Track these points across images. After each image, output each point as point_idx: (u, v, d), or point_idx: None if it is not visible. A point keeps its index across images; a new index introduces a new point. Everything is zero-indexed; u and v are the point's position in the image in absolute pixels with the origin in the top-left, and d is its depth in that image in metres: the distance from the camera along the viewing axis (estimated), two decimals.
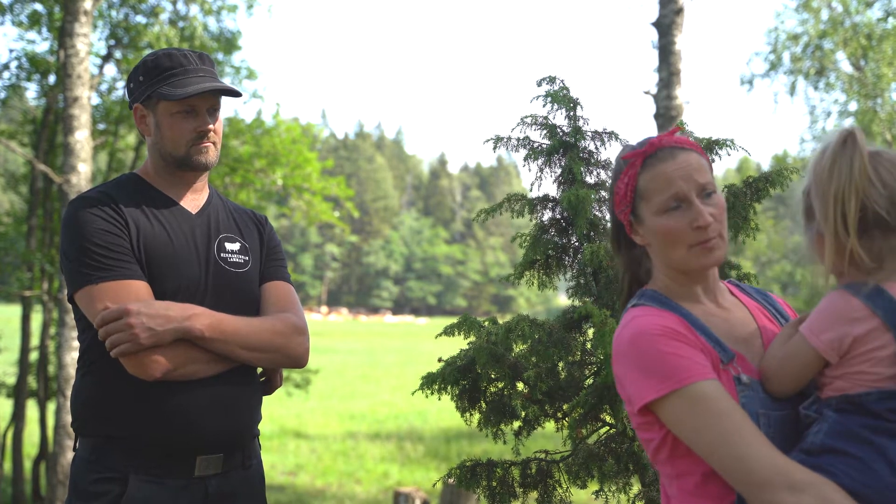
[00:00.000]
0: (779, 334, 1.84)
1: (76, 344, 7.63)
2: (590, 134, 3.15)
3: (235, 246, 2.60)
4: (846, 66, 19.65)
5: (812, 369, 1.73)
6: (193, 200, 2.60)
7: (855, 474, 1.60)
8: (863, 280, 1.71)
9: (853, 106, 19.48)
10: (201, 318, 2.35)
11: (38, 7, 12.35)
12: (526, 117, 3.16)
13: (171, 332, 2.29)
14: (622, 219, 1.91)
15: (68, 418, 7.80)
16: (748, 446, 1.62)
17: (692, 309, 1.86)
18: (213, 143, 2.54)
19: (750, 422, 1.67)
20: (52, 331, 12.16)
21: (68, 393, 7.72)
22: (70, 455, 7.86)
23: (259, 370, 2.61)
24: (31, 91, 13.87)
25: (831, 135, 1.75)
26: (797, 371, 1.74)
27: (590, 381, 3.00)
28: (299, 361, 2.56)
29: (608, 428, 3.01)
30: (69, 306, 2.95)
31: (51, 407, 12.40)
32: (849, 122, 20.23)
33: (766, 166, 75.53)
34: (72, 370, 7.70)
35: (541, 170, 3.16)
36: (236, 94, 2.56)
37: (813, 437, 1.68)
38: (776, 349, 1.80)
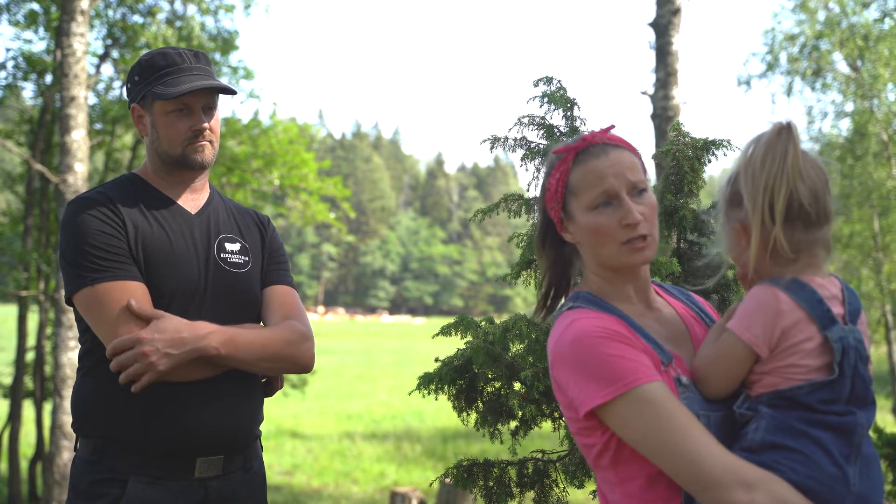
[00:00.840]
0: (707, 335, 1.85)
1: (73, 344, 7.64)
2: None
3: (235, 246, 2.59)
4: (843, 67, 19.68)
5: (744, 366, 1.73)
6: (193, 200, 2.59)
7: (799, 468, 1.62)
8: (779, 273, 1.74)
9: (850, 106, 19.51)
10: (215, 336, 2.33)
11: (35, 6, 12.33)
12: (523, 117, 3.16)
13: (187, 353, 2.28)
14: (553, 216, 1.89)
15: (65, 418, 7.79)
16: (698, 446, 1.62)
17: (626, 310, 1.85)
18: (210, 142, 2.53)
19: (697, 422, 1.66)
20: (49, 331, 12.14)
21: (65, 393, 7.71)
22: (66, 455, 7.84)
23: None
24: (28, 90, 13.86)
25: (767, 127, 1.75)
26: (730, 369, 1.74)
27: None
28: (306, 368, 2.56)
29: None
30: (66, 307, 2.96)
31: (47, 407, 12.39)
32: (845, 123, 20.27)
33: None
34: (68, 370, 7.69)
35: (538, 170, 3.15)
36: (230, 91, 2.56)
37: (752, 435, 1.68)
38: (706, 350, 1.80)
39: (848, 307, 1.74)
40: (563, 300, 1.98)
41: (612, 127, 1.88)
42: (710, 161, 3.05)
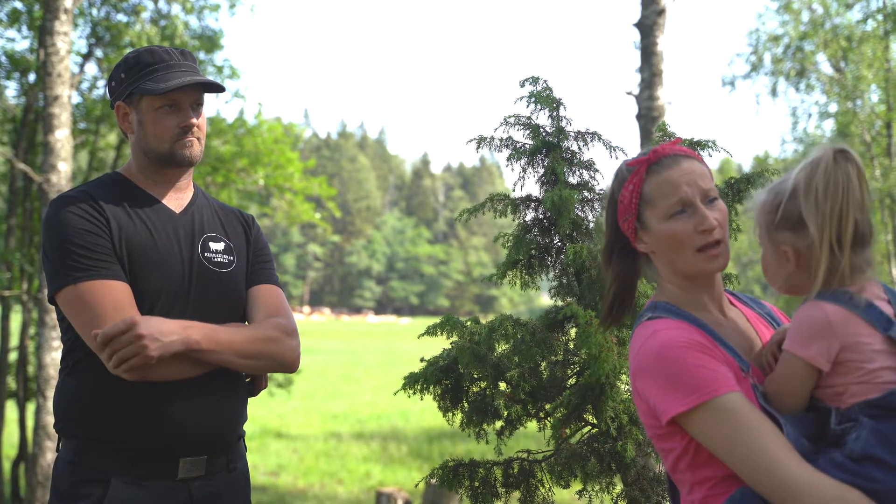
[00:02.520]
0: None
1: (56, 344, 7.59)
2: (573, 134, 3.16)
3: (220, 245, 2.58)
4: (826, 68, 19.79)
5: (808, 383, 1.76)
6: (177, 199, 2.58)
7: (893, 483, 1.61)
8: (826, 289, 1.75)
9: (833, 107, 19.62)
10: (197, 329, 2.33)
11: (18, 5, 12.24)
12: (509, 117, 3.16)
13: (176, 343, 2.27)
14: (625, 228, 1.93)
15: (48, 419, 7.74)
16: (777, 458, 1.65)
17: (704, 319, 1.89)
18: (198, 139, 2.52)
19: (776, 433, 1.69)
20: (32, 331, 12.07)
21: (48, 393, 7.66)
22: (50, 456, 7.80)
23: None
24: (11, 90, 13.75)
25: (821, 149, 1.76)
26: (795, 387, 1.77)
27: (572, 380, 3.01)
28: (291, 367, 2.54)
29: (591, 428, 3.02)
30: (49, 306, 2.94)
31: (30, 408, 12.31)
32: (829, 124, 20.36)
33: (747, 167, 75.84)
34: (51, 370, 7.64)
35: (524, 170, 3.16)
36: (220, 88, 2.55)
37: (853, 445, 1.68)
38: (773, 372, 1.83)
39: (895, 307, 1.76)
40: (625, 311, 2.04)
41: (680, 140, 1.95)
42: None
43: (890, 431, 1.65)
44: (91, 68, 13.64)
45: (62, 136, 7.79)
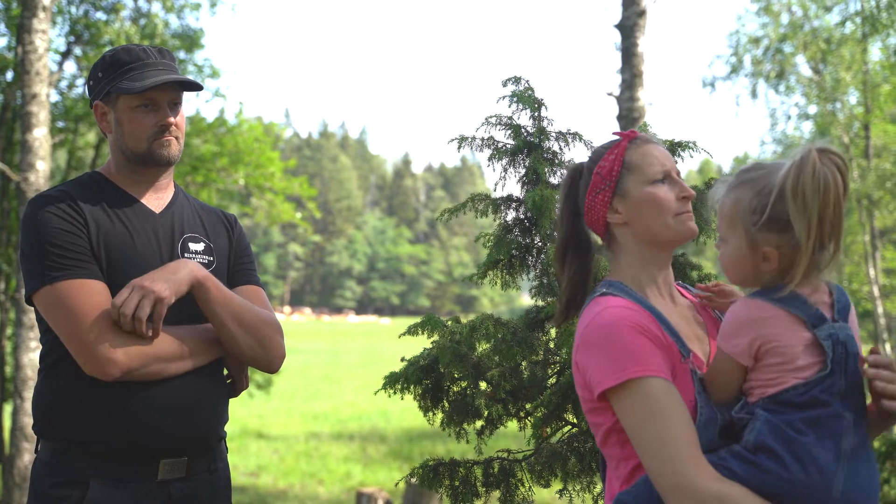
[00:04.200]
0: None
1: (34, 345, 7.54)
2: (554, 134, 3.16)
3: (200, 246, 2.56)
4: (805, 70, 19.92)
5: (735, 376, 1.80)
6: (157, 199, 2.56)
7: (784, 474, 1.67)
8: (769, 286, 1.79)
9: (812, 109, 19.76)
10: (202, 269, 2.37)
11: None
12: (490, 117, 3.16)
13: (185, 282, 2.31)
14: (600, 200, 1.99)
15: (26, 420, 7.69)
16: (674, 452, 1.70)
17: (654, 303, 1.93)
18: (176, 138, 2.50)
19: (690, 426, 1.74)
20: (10, 331, 11.96)
21: (25, 394, 7.61)
22: (28, 457, 7.74)
23: (224, 371, 2.58)
24: None
25: (805, 148, 1.76)
26: (723, 381, 1.81)
27: (553, 380, 3.01)
28: (273, 363, 2.54)
29: (571, 427, 3.03)
30: (27, 307, 2.92)
31: (7, 409, 12.20)
32: (808, 126, 20.51)
33: (727, 168, 76.28)
34: (29, 371, 7.58)
35: (505, 170, 3.16)
36: (197, 86, 2.53)
37: (748, 436, 1.73)
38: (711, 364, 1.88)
39: (837, 304, 1.79)
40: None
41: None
42: (675, 161, 3.07)
43: (783, 423, 1.70)
44: (70, 66, 13.56)
45: (40, 135, 7.73)
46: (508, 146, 3.15)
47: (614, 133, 2.07)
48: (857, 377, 1.74)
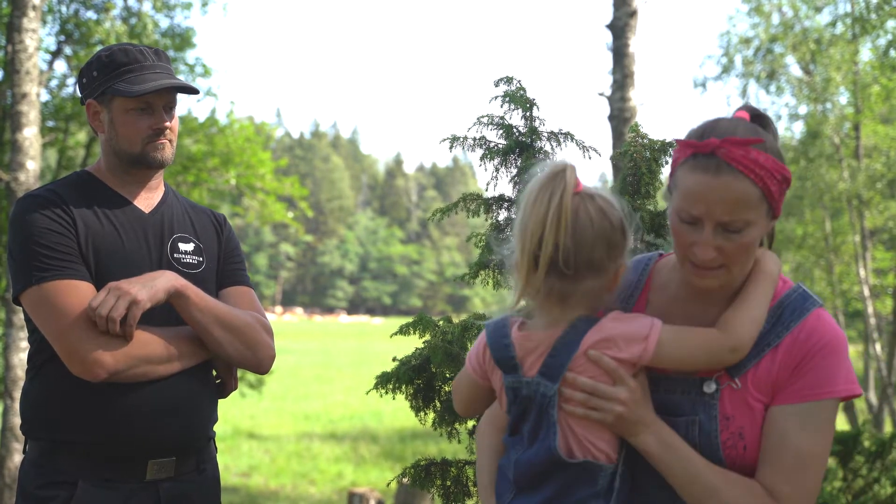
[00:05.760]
0: None
1: (24, 345, 7.51)
2: (546, 134, 3.16)
3: (189, 246, 2.55)
4: (796, 70, 20.00)
5: (472, 390, 1.93)
6: (147, 199, 2.55)
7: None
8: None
9: (803, 109, 19.83)
10: (181, 279, 2.35)
11: None
12: (482, 117, 3.16)
13: (162, 290, 2.29)
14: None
15: (16, 420, 7.66)
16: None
17: None
18: (170, 140, 2.50)
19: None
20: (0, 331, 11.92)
21: (15, 395, 7.58)
22: (17, 458, 7.72)
23: (213, 372, 2.57)
24: None
25: (548, 164, 1.73)
26: (464, 393, 1.97)
27: None
28: (262, 364, 2.52)
29: None
30: (17, 307, 2.90)
31: None
32: (799, 126, 20.58)
33: None
34: (19, 371, 7.56)
35: (497, 170, 3.15)
36: (194, 91, 2.52)
37: None
38: None
39: (548, 359, 1.72)
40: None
41: (756, 141, 1.65)
42: (667, 162, 3.07)
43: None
44: (60, 66, 13.54)
45: (30, 135, 7.71)
46: (500, 146, 3.15)
47: (682, 141, 1.71)
48: (532, 434, 1.76)
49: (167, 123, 2.47)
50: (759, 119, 1.78)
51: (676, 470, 1.70)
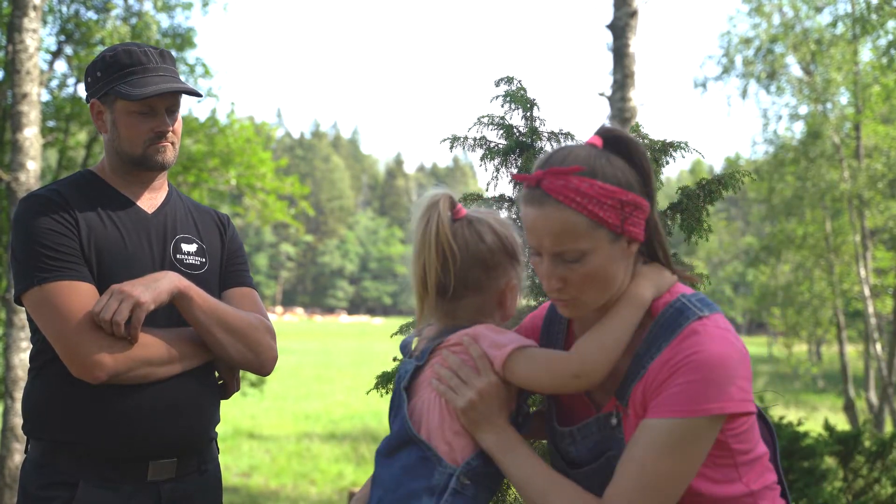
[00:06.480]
0: None
1: (25, 345, 7.51)
2: (546, 135, 3.16)
3: (192, 247, 2.55)
4: (796, 71, 20.00)
5: None
6: (150, 200, 2.54)
7: None
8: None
9: (803, 109, 19.83)
10: (183, 280, 2.35)
11: None
12: (483, 117, 3.16)
13: (165, 291, 2.28)
14: None
15: (17, 421, 7.67)
16: None
17: None
18: (172, 143, 2.48)
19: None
20: (0, 331, 11.92)
21: (16, 395, 7.58)
22: (18, 458, 7.72)
23: (216, 373, 2.57)
24: None
25: (427, 195, 1.84)
26: None
27: None
28: (266, 365, 2.52)
29: None
30: (18, 307, 2.89)
31: None
32: (799, 126, 20.57)
33: (718, 168, 76.49)
34: (20, 372, 7.56)
35: (497, 170, 3.15)
36: (196, 94, 2.51)
37: None
38: None
39: (423, 345, 1.90)
40: None
41: (579, 168, 1.67)
42: (667, 163, 3.07)
43: None
44: (60, 66, 13.56)
45: (31, 135, 7.71)
46: (500, 146, 3.15)
47: (516, 176, 1.77)
48: (397, 412, 1.88)
49: (169, 127, 2.46)
50: (614, 142, 1.75)
51: (513, 471, 1.74)
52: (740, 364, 1.65)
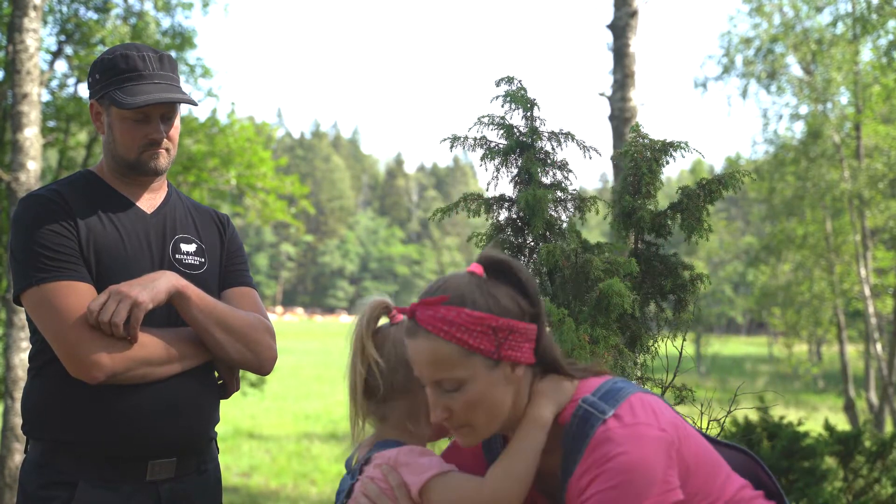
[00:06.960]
0: None
1: (25, 345, 7.51)
2: (546, 134, 3.16)
3: (191, 247, 2.54)
4: (797, 70, 20.00)
5: None
6: (149, 200, 2.54)
7: None
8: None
9: (804, 109, 19.84)
10: (181, 279, 2.34)
11: None
12: (483, 117, 3.16)
13: (163, 290, 2.28)
14: None
15: (16, 420, 7.66)
16: None
17: None
18: (167, 150, 2.47)
19: None
20: (0, 331, 11.93)
21: (16, 395, 7.58)
22: (18, 458, 7.72)
23: (215, 373, 2.56)
24: None
25: (365, 300, 1.91)
26: None
27: None
28: (265, 365, 2.52)
29: None
30: (17, 307, 2.90)
31: None
32: (799, 126, 20.57)
33: (718, 168, 76.48)
34: (20, 371, 7.56)
35: (497, 170, 3.16)
36: (192, 103, 2.48)
37: None
38: None
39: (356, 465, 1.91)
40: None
41: (444, 298, 1.72)
42: (668, 162, 3.08)
43: None
44: (61, 66, 13.56)
45: (31, 135, 7.71)
46: (501, 146, 3.15)
47: (396, 309, 1.90)
48: None
49: (163, 135, 2.44)
50: (496, 268, 1.77)
51: None
52: (657, 457, 1.63)
